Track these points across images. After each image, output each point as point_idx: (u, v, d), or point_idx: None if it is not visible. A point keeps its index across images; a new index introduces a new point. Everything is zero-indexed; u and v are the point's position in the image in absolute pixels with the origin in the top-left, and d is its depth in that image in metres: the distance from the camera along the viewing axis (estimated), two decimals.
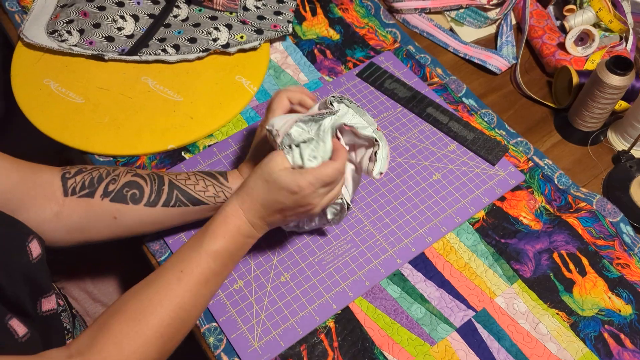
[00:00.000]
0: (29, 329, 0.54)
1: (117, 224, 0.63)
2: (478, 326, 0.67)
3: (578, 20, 0.93)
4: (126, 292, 0.57)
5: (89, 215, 0.62)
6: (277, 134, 0.58)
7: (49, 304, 0.60)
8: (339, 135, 0.62)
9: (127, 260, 0.86)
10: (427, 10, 0.99)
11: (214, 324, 0.66)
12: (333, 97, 0.60)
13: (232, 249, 0.60)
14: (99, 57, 0.88)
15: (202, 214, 0.67)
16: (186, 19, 0.93)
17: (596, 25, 0.95)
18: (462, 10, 0.99)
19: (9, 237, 0.54)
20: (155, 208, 0.64)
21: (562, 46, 0.91)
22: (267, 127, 0.60)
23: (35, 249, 0.57)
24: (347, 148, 0.62)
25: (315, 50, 0.93)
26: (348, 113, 0.60)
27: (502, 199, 0.77)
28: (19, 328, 0.53)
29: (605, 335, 0.66)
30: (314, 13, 0.99)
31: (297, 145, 0.58)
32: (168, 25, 0.92)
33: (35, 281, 0.57)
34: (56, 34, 0.88)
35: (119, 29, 0.90)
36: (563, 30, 0.96)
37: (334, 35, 0.95)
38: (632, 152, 0.81)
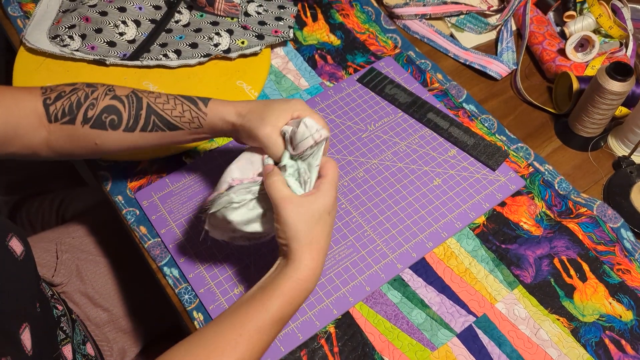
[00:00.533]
0: (33, 341, 0.54)
1: (99, 148, 0.64)
2: (479, 332, 0.67)
3: (578, 27, 0.94)
4: (173, 352, 0.54)
5: (73, 141, 0.63)
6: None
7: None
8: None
9: (127, 264, 0.86)
10: (428, 16, 0.99)
11: None
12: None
13: (292, 309, 0.56)
14: (100, 62, 0.89)
15: (177, 138, 0.66)
16: (188, 25, 0.93)
17: (596, 31, 0.95)
18: (462, 17, 0.99)
19: None
20: (133, 133, 0.64)
21: (562, 52, 0.91)
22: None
23: (16, 246, 0.56)
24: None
25: (316, 56, 0.93)
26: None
27: (503, 204, 0.77)
28: (27, 342, 0.53)
29: (606, 341, 0.66)
30: (314, 19, 0.99)
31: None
32: (169, 31, 0.92)
33: (26, 281, 0.56)
34: (58, 39, 0.89)
35: (121, 34, 0.90)
36: (563, 36, 0.96)
37: (335, 41, 0.96)
38: (633, 157, 0.81)
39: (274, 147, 0.60)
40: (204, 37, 0.90)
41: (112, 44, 0.89)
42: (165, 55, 0.88)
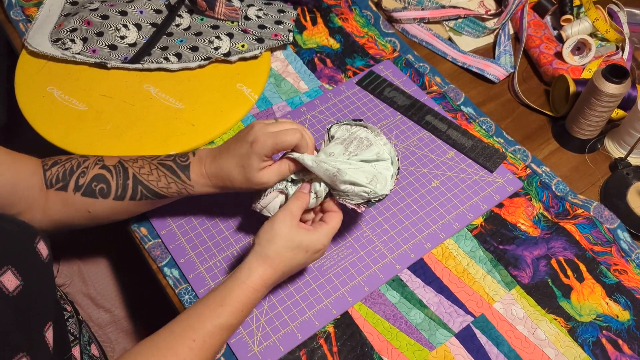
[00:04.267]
0: (54, 340, 0.55)
1: (92, 216, 0.66)
2: (477, 331, 0.67)
3: (575, 30, 0.95)
4: (131, 354, 0.58)
5: (67, 209, 0.65)
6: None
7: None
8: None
9: (128, 265, 0.87)
10: (426, 20, 1.00)
11: None
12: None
13: (243, 317, 0.62)
14: (102, 65, 0.90)
15: (169, 201, 0.69)
16: (188, 28, 0.94)
17: (593, 35, 0.96)
18: (460, 20, 1.00)
19: (20, 239, 0.55)
20: (123, 201, 0.66)
21: (559, 55, 0.92)
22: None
23: (43, 249, 0.57)
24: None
25: (316, 59, 0.94)
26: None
27: (501, 205, 0.77)
28: (51, 340, 0.54)
29: (603, 340, 0.67)
30: (314, 22, 1.00)
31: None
32: (170, 34, 0.93)
33: (50, 283, 0.57)
34: (60, 42, 0.90)
35: (122, 37, 0.91)
36: (560, 39, 0.97)
37: (334, 44, 0.97)
38: (629, 159, 0.82)
39: (269, 183, 0.64)
40: (204, 41, 0.91)
41: (113, 47, 0.90)
42: (166, 59, 0.89)
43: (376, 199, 0.63)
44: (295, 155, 0.63)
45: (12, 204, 0.62)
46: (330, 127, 0.67)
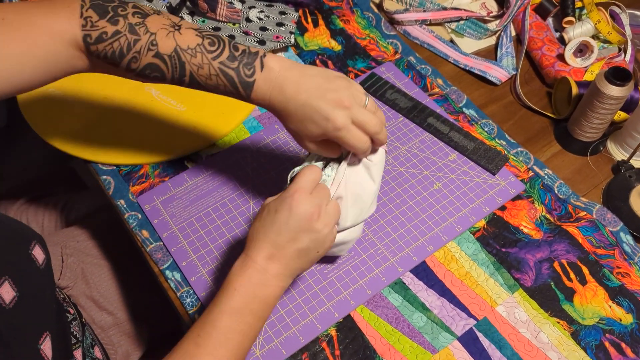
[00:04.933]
0: (53, 350, 0.54)
1: (138, 79, 0.61)
2: (479, 335, 0.67)
3: (577, 32, 0.95)
4: None
5: (118, 73, 0.61)
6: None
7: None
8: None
9: (131, 268, 0.87)
10: (428, 22, 1.00)
11: None
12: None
13: (250, 302, 0.55)
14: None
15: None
16: None
17: (595, 36, 0.96)
18: (462, 22, 1.00)
19: (15, 246, 0.55)
20: (179, 84, 0.61)
21: (561, 57, 0.92)
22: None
23: (39, 254, 0.57)
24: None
25: (317, 61, 0.94)
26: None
27: (503, 208, 0.77)
28: (48, 351, 0.53)
29: (606, 344, 0.67)
30: (315, 24, 1.00)
31: None
32: None
33: (47, 290, 0.57)
34: None
35: None
36: (562, 41, 0.97)
37: (336, 46, 0.96)
38: (632, 162, 0.82)
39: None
40: None
41: None
42: None
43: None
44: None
45: (52, 77, 0.57)
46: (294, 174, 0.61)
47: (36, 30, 0.55)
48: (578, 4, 1.01)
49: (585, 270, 0.72)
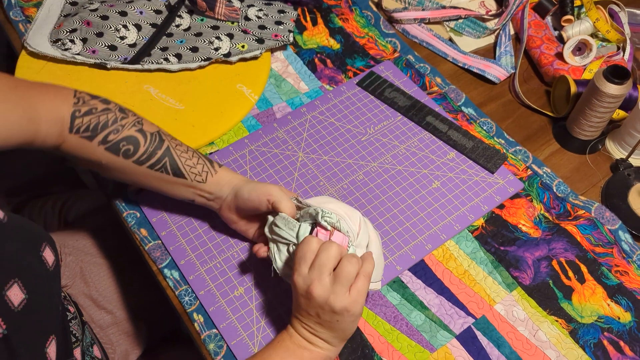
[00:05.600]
0: (57, 353, 0.54)
1: (101, 167, 0.66)
2: (478, 333, 0.67)
3: (576, 31, 0.94)
4: None
5: (82, 153, 0.64)
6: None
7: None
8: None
9: (130, 267, 0.87)
10: (427, 21, 1.00)
11: (215, 330, 0.67)
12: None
13: None
14: (101, 66, 0.89)
15: (176, 189, 0.68)
16: (188, 29, 0.94)
17: (594, 35, 0.96)
18: (461, 21, 1.00)
19: (26, 247, 0.54)
20: (140, 167, 0.65)
21: (560, 56, 0.92)
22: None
23: (49, 256, 0.56)
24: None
25: (316, 60, 0.94)
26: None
27: (501, 206, 0.77)
28: (53, 355, 0.53)
29: (605, 342, 0.67)
30: (314, 23, 1.00)
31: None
32: (170, 35, 0.93)
33: (55, 292, 0.57)
34: (59, 42, 0.89)
35: (122, 38, 0.91)
36: (561, 40, 0.97)
37: (335, 45, 0.96)
38: (630, 160, 0.82)
39: (283, 201, 0.63)
40: (204, 41, 0.91)
41: (113, 47, 0.90)
42: (166, 59, 0.89)
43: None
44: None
45: (29, 144, 0.61)
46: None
47: (42, 100, 0.61)
48: (577, 3, 1.01)
49: (583, 268, 0.72)
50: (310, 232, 0.61)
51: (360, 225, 0.62)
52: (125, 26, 0.91)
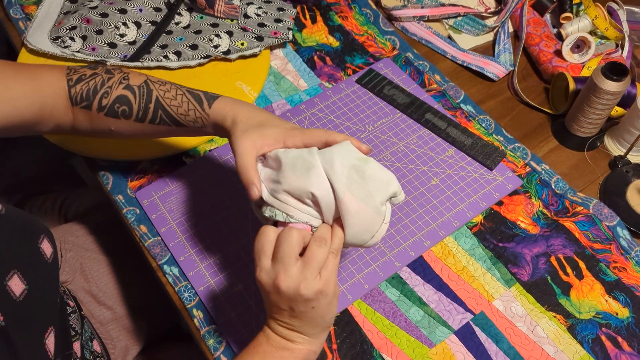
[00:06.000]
0: (56, 344, 0.55)
1: (114, 132, 0.66)
2: (476, 329, 0.67)
3: (574, 28, 0.95)
4: None
5: (92, 125, 0.65)
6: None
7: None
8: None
9: (129, 263, 0.87)
10: (426, 18, 1.00)
11: (214, 326, 0.67)
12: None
13: None
14: (101, 63, 0.90)
15: (184, 132, 0.67)
16: (188, 26, 0.94)
17: (592, 32, 0.96)
18: (460, 18, 1.00)
19: (25, 239, 0.55)
20: (143, 123, 0.65)
21: (558, 53, 0.92)
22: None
23: (47, 248, 0.57)
24: None
25: (315, 57, 0.94)
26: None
27: (500, 203, 0.78)
28: (52, 346, 0.54)
29: (603, 338, 0.67)
30: (313, 21, 1.00)
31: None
32: (170, 32, 0.93)
33: (53, 283, 0.57)
34: (59, 40, 0.89)
35: (121, 35, 0.91)
36: (560, 37, 0.97)
37: (334, 43, 0.97)
38: (629, 157, 0.82)
39: (244, 171, 0.55)
40: (203, 39, 0.91)
41: (112, 45, 0.90)
42: (166, 57, 0.89)
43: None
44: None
45: (42, 122, 0.62)
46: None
47: (40, 74, 0.62)
48: (576, 0, 1.01)
49: (581, 264, 0.72)
50: None
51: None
52: (124, 24, 0.91)
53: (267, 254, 0.52)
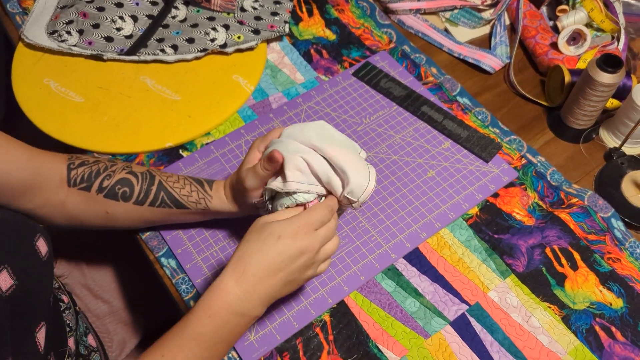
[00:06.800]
0: (46, 339, 0.55)
1: (109, 217, 0.66)
2: (471, 320, 0.68)
3: (570, 20, 0.95)
4: None
5: (86, 207, 0.65)
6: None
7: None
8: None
9: (126, 256, 0.87)
10: (422, 11, 1.00)
11: None
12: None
13: (221, 331, 0.54)
14: (98, 57, 0.90)
15: (185, 217, 0.69)
16: (184, 20, 0.94)
17: (588, 25, 0.96)
18: (456, 11, 1.00)
19: (19, 236, 0.55)
20: (142, 206, 0.66)
21: (554, 46, 0.93)
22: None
23: (42, 246, 0.58)
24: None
25: (312, 50, 0.94)
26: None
27: (496, 195, 0.78)
28: (42, 340, 0.54)
29: (597, 328, 0.67)
30: (310, 14, 1.00)
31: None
32: (166, 26, 0.93)
33: (47, 281, 0.58)
34: (56, 34, 0.90)
35: (118, 29, 0.91)
36: (556, 30, 0.97)
37: (330, 36, 0.97)
38: (624, 149, 0.82)
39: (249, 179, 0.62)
40: (200, 32, 0.91)
41: (109, 39, 0.90)
42: (162, 50, 0.89)
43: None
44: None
45: (29, 197, 0.62)
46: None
47: (40, 153, 0.63)
48: None
49: (576, 255, 0.73)
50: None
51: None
52: (121, 17, 0.91)
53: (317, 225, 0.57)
